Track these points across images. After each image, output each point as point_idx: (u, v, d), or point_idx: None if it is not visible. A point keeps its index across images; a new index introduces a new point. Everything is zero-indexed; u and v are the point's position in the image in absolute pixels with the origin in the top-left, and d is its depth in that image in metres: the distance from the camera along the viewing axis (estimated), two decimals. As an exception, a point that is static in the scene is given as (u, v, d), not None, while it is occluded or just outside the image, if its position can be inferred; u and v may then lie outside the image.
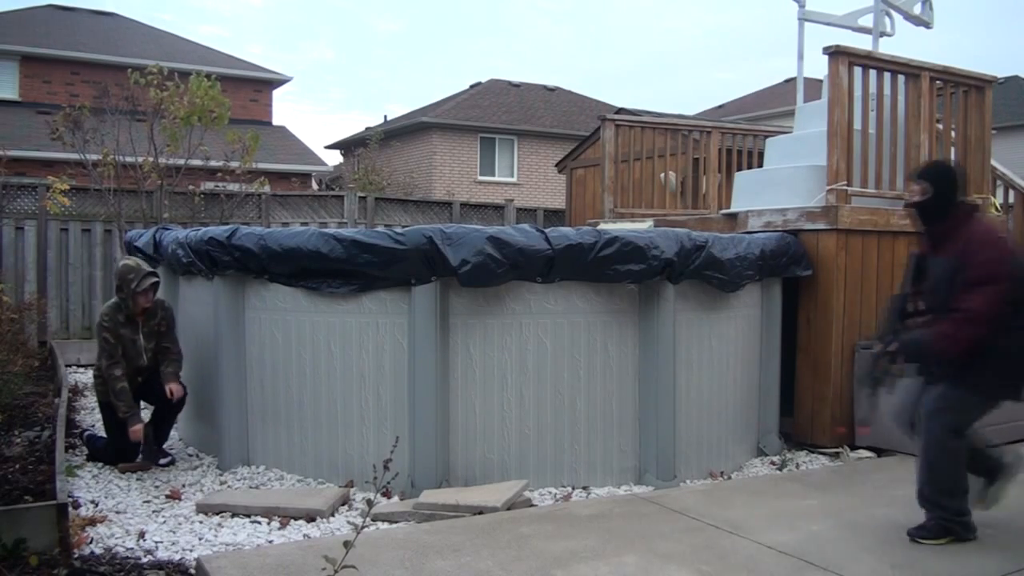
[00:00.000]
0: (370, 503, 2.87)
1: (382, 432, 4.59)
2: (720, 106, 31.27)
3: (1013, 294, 3.30)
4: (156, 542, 3.73)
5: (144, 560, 3.54)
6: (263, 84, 24.57)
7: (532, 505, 4.33)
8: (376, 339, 4.61)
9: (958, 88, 6.44)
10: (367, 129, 26.66)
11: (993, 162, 6.96)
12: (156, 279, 5.03)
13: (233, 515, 4.12)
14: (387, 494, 4.40)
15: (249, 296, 4.94)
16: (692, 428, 5.06)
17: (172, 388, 5.00)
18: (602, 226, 6.72)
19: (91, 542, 3.70)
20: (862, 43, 6.69)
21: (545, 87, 28.86)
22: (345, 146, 27.88)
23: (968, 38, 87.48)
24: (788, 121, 10.26)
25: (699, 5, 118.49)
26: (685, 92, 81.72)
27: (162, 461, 5.06)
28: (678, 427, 4.88)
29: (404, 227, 6.52)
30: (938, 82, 6.24)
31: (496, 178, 24.52)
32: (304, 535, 3.90)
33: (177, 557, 3.58)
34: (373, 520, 4.01)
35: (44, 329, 9.67)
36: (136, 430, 4.84)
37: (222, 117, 9.61)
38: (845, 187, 5.64)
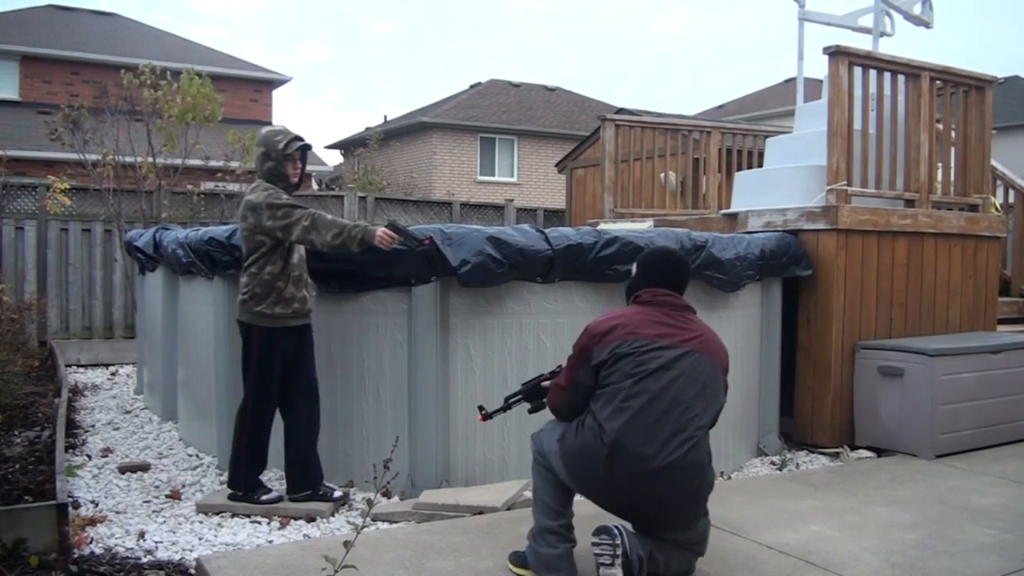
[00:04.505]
0: (370, 503, 2.87)
1: (382, 432, 4.59)
2: (720, 106, 31.29)
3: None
4: (156, 542, 3.73)
5: (144, 560, 3.54)
6: (263, 84, 24.58)
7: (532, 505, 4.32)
8: (376, 339, 4.61)
9: (958, 88, 6.44)
10: (367, 129, 26.68)
11: (993, 162, 6.96)
12: (306, 144, 4.15)
13: (233, 515, 4.12)
14: (387, 494, 4.40)
15: (249, 296, 4.93)
16: (692, 428, 5.05)
17: None
18: (602, 226, 6.72)
19: (91, 542, 3.70)
20: (862, 43, 6.70)
21: (545, 87, 28.86)
22: (345, 146, 27.89)
23: (968, 38, 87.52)
24: (788, 121, 10.27)
25: (698, 5, 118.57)
26: (685, 92, 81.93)
27: (337, 495, 4.25)
28: (678, 427, 4.87)
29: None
30: (938, 82, 6.23)
31: (496, 178, 24.52)
32: (304, 535, 3.90)
33: (177, 557, 3.58)
34: (373, 520, 4.01)
35: (44, 329, 9.68)
36: (383, 233, 3.94)
37: (215, 113, 9.60)
38: (845, 187, 5.64)
